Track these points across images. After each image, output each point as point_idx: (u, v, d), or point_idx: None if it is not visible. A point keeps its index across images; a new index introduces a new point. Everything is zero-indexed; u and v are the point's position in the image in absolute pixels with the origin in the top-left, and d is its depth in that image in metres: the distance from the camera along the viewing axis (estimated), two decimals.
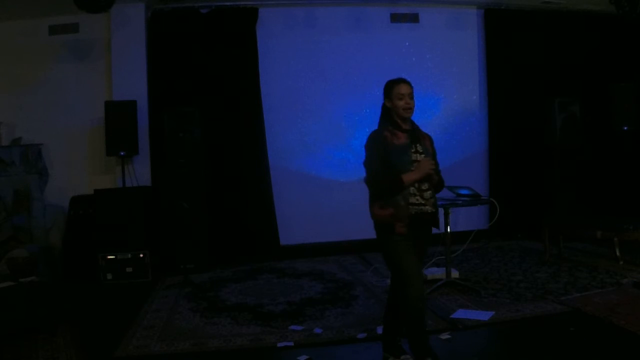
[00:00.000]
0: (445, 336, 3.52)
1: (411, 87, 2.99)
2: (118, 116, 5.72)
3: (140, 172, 6.00)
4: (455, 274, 4.79)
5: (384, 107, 3.04)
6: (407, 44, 6.71)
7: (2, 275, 4.97)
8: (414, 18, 6.73)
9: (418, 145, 2.94)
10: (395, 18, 6.68)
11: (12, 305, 3.94)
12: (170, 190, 5.66)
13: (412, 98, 2.96)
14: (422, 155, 2.91)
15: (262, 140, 6.33)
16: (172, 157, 5.62)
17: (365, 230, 6.49)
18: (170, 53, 6.19)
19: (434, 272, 4.91)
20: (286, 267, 5.81)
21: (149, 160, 6.09)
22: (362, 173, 3.06)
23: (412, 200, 2.87)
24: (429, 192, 2.93)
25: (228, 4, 6.29)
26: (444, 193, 4.89)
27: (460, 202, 4.60)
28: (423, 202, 2.89)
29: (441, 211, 4.52)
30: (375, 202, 2.94)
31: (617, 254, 5.15)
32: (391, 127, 2.96)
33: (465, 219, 6.43)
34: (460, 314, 3.93)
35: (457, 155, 6.69)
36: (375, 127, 3.05)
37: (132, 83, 6.01)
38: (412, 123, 3.02)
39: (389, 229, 2.89)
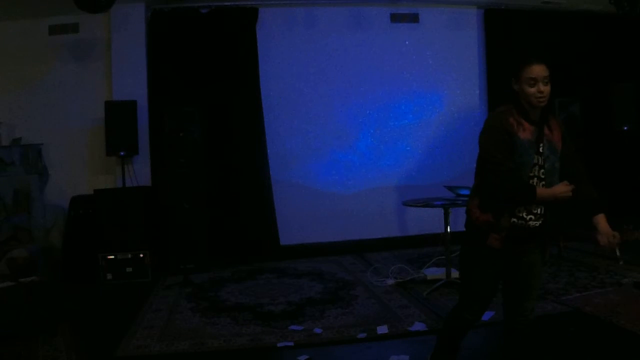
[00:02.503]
0: None
1: (547, 69, 2.34)
2: (118, 116, 5.72)
3: (140, 172, 5.99)
4: (455, 274, 4.78)
5: (511, 88, 2.44)
6: (407, 43, 6.71)
7: (2, 275, 4.97)
8: (414, 18, 6.72)
9: (541, 144, 2.37)
10: (395, 18, 6.68)
11: (12, 305, 3.94)
12: (170, 190, 5.65)
13: (546, 83, 2.33)
14: (542, 158, 2.37)
15: (262, 140, 6.32)
16: (172, 157, 5.62)
17: (365, 230, 6.57)
18: (170, 53, 6.18)
19: (434, 272, 4.92)
20: (286, 267, 5.81)
21: (149, 160, 6.09)
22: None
23: (519, 213, 2.36)
24: (542, 207, 2.40)
25: (228, 4, 6.29)
26: (445, 193, 4.94)
27: (460, 202, 4.60)
28: (527, 217, 2.38)
29: (440, 211, 4.59)
30: (476, 196, 2.48)
31: (617, 254, 5.15)
32: (517, 113, 2.37)
33: (465, 219, 6.41)
34: None
35: (457, 155, 6.69)
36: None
37: (132, 83, 6.00)
38: (543, 112, 2.40)
39: (480, 237, 2.42)
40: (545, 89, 2.33)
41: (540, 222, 2.42)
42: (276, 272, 5.61)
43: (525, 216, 2.37)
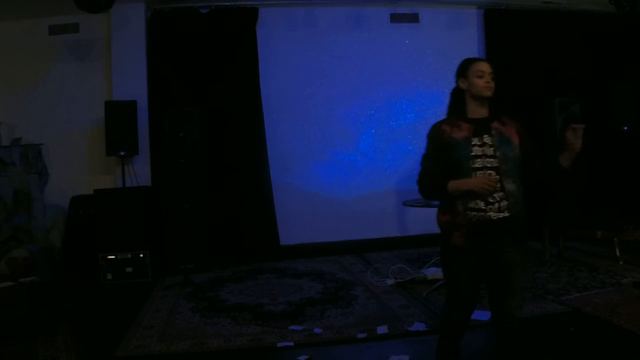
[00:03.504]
0: None
1: (492, 67, 2.59)
2: (118, 116, 5.72)
3: (140, 172, 5.99)
4: None
5: (453, 93, 2.67)
6: (407, 43, 6.71)
7: (2, 275, 4.97)
8: (414, 18, 6.72)
9: (485, 136, 2.49)
10: (395, 18, 6.68)
11: (12, 305, 3.95)
12: (170, 190, 5.65)
13: (492, 79, 2.56)
14: (491, 148, 2.46)
15: (262, 140, 6.33)
16: (172, 157, 5.62)
17: (365, 230, 6.57)
18: (170, 53, 6.18)
19: (434, 272, 4.91)
20: (286, 267, 5.81)
21: (149, 160, 6.09)
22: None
23: (472, 204, 2.43)
24: (501, 193, 2.44)
25: (228, 4, 6.29)
26: None
27: None
28: (484, 207, 2.42)
29: None
30: (440, 204, 2.59)
31: (617, 254, 5.15)
32: (455, 117, 2.59)
33: None
34: None
35: None
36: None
37: (132, 83, 6.00)
38: (493, 109, 2.59)
39: (446, 237, 2.53)
40: (492, 82, 2.55)
41: (506, 214, 2.45)
42: (276, 272, 5.61)
43: (484, 207, 2.43)
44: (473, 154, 2.46)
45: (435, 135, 2.57)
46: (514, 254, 2.50)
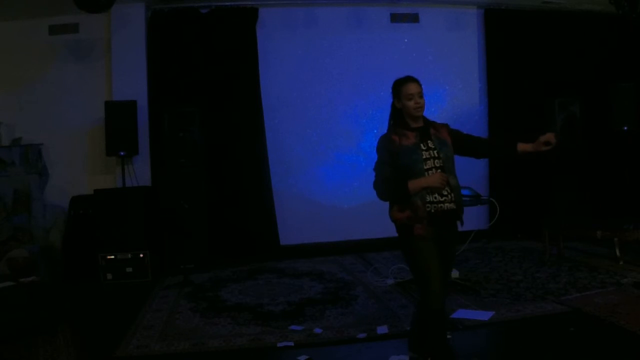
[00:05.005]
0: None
1: (420, 85, 2.94)
2: (118, 116, 5.72)
3: (140, 172, 5.99)
4: (455, 274, 4.79)
5: (393, 106, 3.01)
6: (407, 43, 6.71)
7: (2, 275, 4.98)
8: (414, 18, 6.73)
9: (429, 141, 2.88)
10: (395, 18, 6.68)
11: (12, 305, 3.95)
12: (170, 190, 5.66)
13: (421, 97, 2.90)
14: (435, 151, 2.84)
15: (262, 140, 6.33)
16: (172, 157, 5.62)
17: (365, 230, 6.57)
18: (170, 53, 6.18)
19: None
20: (286, 267, 5.81)
21: (149, 160, 6.09)
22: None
23: (430, 198, 2.78)
24: (448, 188, 2.82)
25: (228, 4, 6.29)
26: None
27: None
28: (442, 199, 2.79)
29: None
30: (394, 205, 2.89)
31: (617, 254, 5.15)
32: (400, 127, 2.92)
33: (465, 219, 6.36)
34: (460, 314, 3.92)
35: (456, 156, 6.69)
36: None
37: (132, 83, 6.01)
38: (425, 119, 2.97)
39: (408, 231, 2.81)
40: (421, 101, 2.90)
41: (453, 205, 2.84)
42: (276, 272, 5.61)
43: (440, 199, 2.80)
44: (423, 157, 2.83)
45: (387, 144, 2.89)
46: (454, 249, 2.99)
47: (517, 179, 6.70)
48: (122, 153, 5.76)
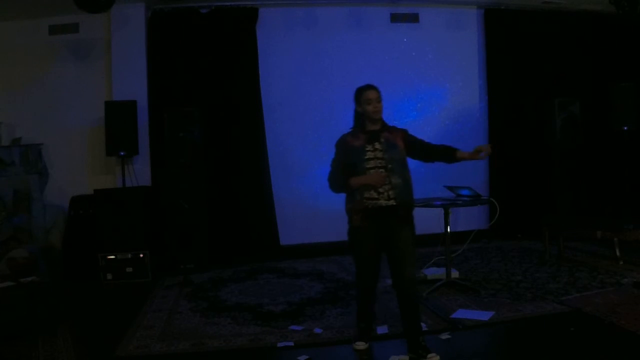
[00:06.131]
0: (445, 336, 3.52)
1: (378, 91, 3.32)
2: (118, 116, 5.72)
3: (140, 172, 6.00)
4: (455, 274, 4.79)
5: (355, 111, 3.39)
6: (407, 43, 6.71)
7: (2, 275, 4.97)
8: (414, 18, 6.73)
9: (377, 143, 3.23)
10: (395, 18, 6.68)
11: (12, 305, 3.95)
12: (170, 190, 5.66)
13: (379, 102, 3.28)
14: (380, 152, 3.20)
15: (262, 140, 6.33)
16: (172, 157, 5.62)
17: None
18: (170, 53, 6.19)
19: (434, 272, 4.91)
20: (286, 267, 5.81)
21: (149, 160, 6.09)
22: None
23: (367, 194, 3.16)
24: (387, 186, 3.15)
25: (228, 4, 6.29)
26: (445, 193, 4.93)
27: (460, 202, 4.60)
28: (376, 196, 3.15)
29: (440, 211, 4.60)
30: (346, 196, 3.30)
31: (617, 254, 5.15)
32: (357, 129, 3.33)
33: (465, 219, 6.43)
34: (460, 314, 3.93)
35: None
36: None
37: (132, 83, 6.01)
38: (383, 123, 3.33)
39: (349, 220, 3.27)
40: (379, 105, 3.29)
41: (394, 202, 3.15)
42: (276, 272, 5.61)
43: (376, 196, 3.16)
44: (366, 157, 3.21)
45: (341, 144, 3.33)
46: (403, 233, 3.20)
47: (517, 179, 6.71)
48: (122, 153, 5.76)
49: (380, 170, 3.18)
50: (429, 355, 3.10)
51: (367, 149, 3.23)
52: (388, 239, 3.20)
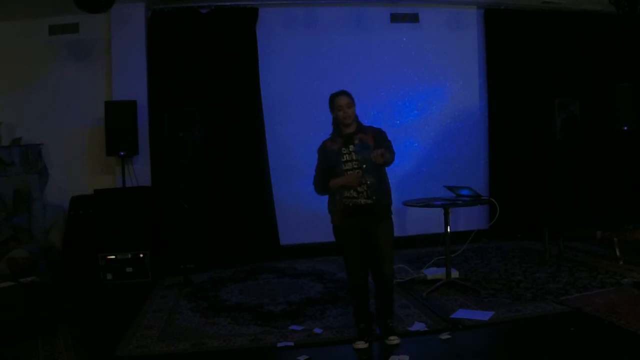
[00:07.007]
0: (445, 336, 3.52)
1: (349, 98, 3.47)
2: (118, 116, 5.72)
3: (140, 172, 6.00)
4: (455, 274, 4.79)
5: (333, 118, 3.55)
6: (407, 43, 6.71)
7: (2, 275, 4.97)
8: (414, 18, 6.73)
9: (351, 146, 3.44)
10: (395, 18, 6.68)
11: (12, 305, 3.94)
12: (170, 190, 5.66)
13: (350, 107, 3.45)
14: (354, 154, 3.40)
15: (262, 140, 6.33)
16: (172, 157, 5.62)
17: None
18: (170, 53, 6.18)
19: (434, 272, 4.91)
20: (286, 267, 5.81)
21: (149, 160, 6.09)
22: None
23: (346, 194, 3.40)
24: (365, 186, 3.37)
25: (228, 4, 6.29)
26: (445, 193, 4.94)
27: (460, 202, 4.60)
28: (356, 195, 3.38)
29: (440, 211, 4.60)
30: (329, 196, 3.56)
31: (617, 254, 5.15)
32: (335, 134, 3.54)
33: (465, 219, 6.43)
34: (460, 314, 3.93)
35: (456, 156, 6.69)
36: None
37: (132, 83, 6.01)
38: (359, 125, 3.52)
39: (331, 220, 3.52)
40: (349, 111, 3.46)
41: (371, 200, 3.37)
42: (276, 272, 5.61)
43: (355, 195, 3.38)
44: (343, 159, 3.42)
45: (322, 149, 3.56)
46: (381, 231, 3.43)
47: (517, 179, 6.71)
48: (122, 153, 5.76)
49: (358, 171, 3.38)
50: (391, 337, 3.43)
51: (344, 151, 3.43)
52: (368, 236, 3.42)
